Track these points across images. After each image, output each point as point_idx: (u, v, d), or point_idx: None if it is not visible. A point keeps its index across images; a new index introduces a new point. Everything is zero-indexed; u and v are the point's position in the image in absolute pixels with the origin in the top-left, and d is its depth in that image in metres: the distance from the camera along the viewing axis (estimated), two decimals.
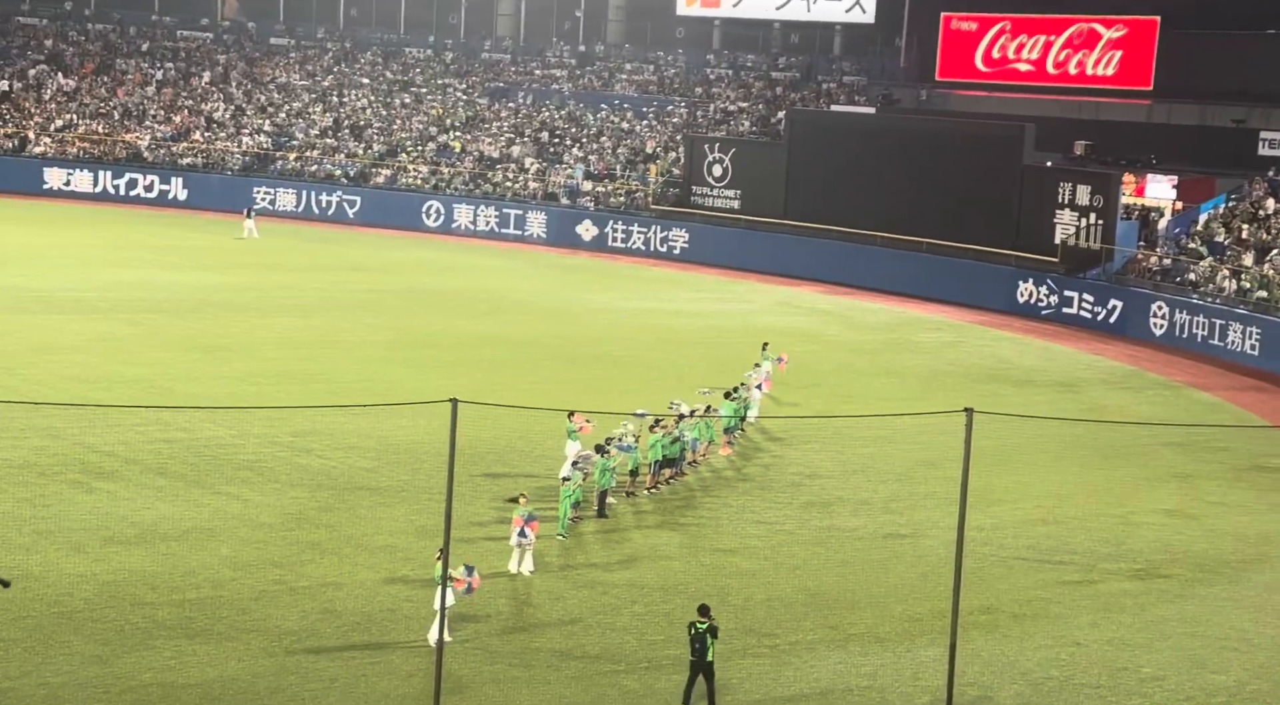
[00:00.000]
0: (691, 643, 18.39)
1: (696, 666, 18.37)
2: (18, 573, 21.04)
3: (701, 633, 18.36)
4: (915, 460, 31.44)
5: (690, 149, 67.31)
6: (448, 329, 43.76)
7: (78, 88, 78.40)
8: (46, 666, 18.18)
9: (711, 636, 18.37)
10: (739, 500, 27.94)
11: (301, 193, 70.89)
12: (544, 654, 19.87)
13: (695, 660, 18.36)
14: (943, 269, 57.11)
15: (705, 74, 77.18)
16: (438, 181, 71.38)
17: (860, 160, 61.07)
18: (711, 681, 18.41)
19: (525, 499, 23.17)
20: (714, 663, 18.45)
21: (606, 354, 41.69)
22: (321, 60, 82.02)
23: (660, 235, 65.28)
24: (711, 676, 18.42)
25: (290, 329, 41.87)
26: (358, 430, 30.02)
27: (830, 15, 74.12)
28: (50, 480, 25.49)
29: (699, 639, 18.33)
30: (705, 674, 18.37)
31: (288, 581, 21.74)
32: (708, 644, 18.31)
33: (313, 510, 25.11)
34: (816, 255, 60.80)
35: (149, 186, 71.94)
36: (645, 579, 23.12)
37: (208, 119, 76.69)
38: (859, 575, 23.96)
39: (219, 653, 19.02)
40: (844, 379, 40.58)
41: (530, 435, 30.14)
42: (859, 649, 20.85)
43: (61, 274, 48.62)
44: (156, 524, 23.70)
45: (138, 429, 28.87)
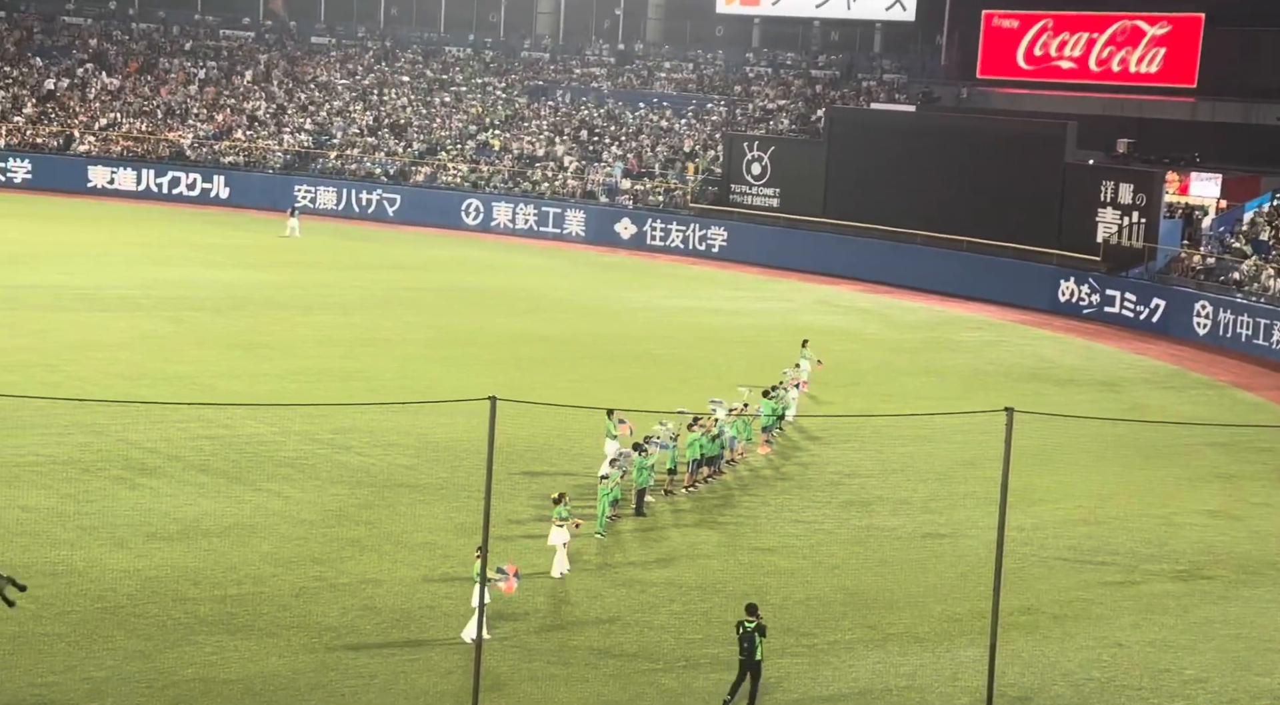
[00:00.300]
0: (740, 642, 18.42)
1: (745, 665, 18.41)
2: (61, 568, 21.26)
3: (750, 632, 18.38)
4: (955, 460, 31.29)
5: (729, 147, 67.21)
6: (487, 327, 43.87)
7: (122, 87, 79.07)
8: (90, 661, 18.34)
9: (760, 636, 18.39)
10: (777, 499, 27.88)
11: (342, 191, 71.26)
12: (582, 652, 19.89)
13: (744, 659, 18.38)
14: (983, 268, 56.80)
15: (744, 72, 77.06)
16: (477, 180, 71.57)
17: (900, 158, 60.80)
18: (757, 681, 18.43)
19: (566, 499, 23.15)
20: (761, 662, 18.47)
21: (645, 352, 41.69)
22: (362, 59, 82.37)
23: (699, 233, 65.23)
24: (758, 676, 18.45)
25: (330, 327, 42.09)
26: (397, 428, 30.14)
27: (870, 13, 73.85)
28: (94, 476, 25.71)
29: (747, 638, 18.35)
30: (752, 673, 18.40)
31: (328, 578, 21.85)
32: (756, 643, 18.33)
33: (353, 507, 25.23)
34: (856, 254, 60.58)
35: (191, 185, 72.48)
36: (683, 577, 23.11)
37: (249, 117, 77.18)
38: (898, 575, 23.86)
39: (260, 648, 19.14)
40: (883, 378, 40.43)
41: (569, 433, 30.18)
42: (898, 649, 20.76)
43: (105, 272, 49.05)
44: (198, 520, 23.87)
45: (180, 426, 29.09)
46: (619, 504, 25.68)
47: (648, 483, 26.31)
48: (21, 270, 47.83)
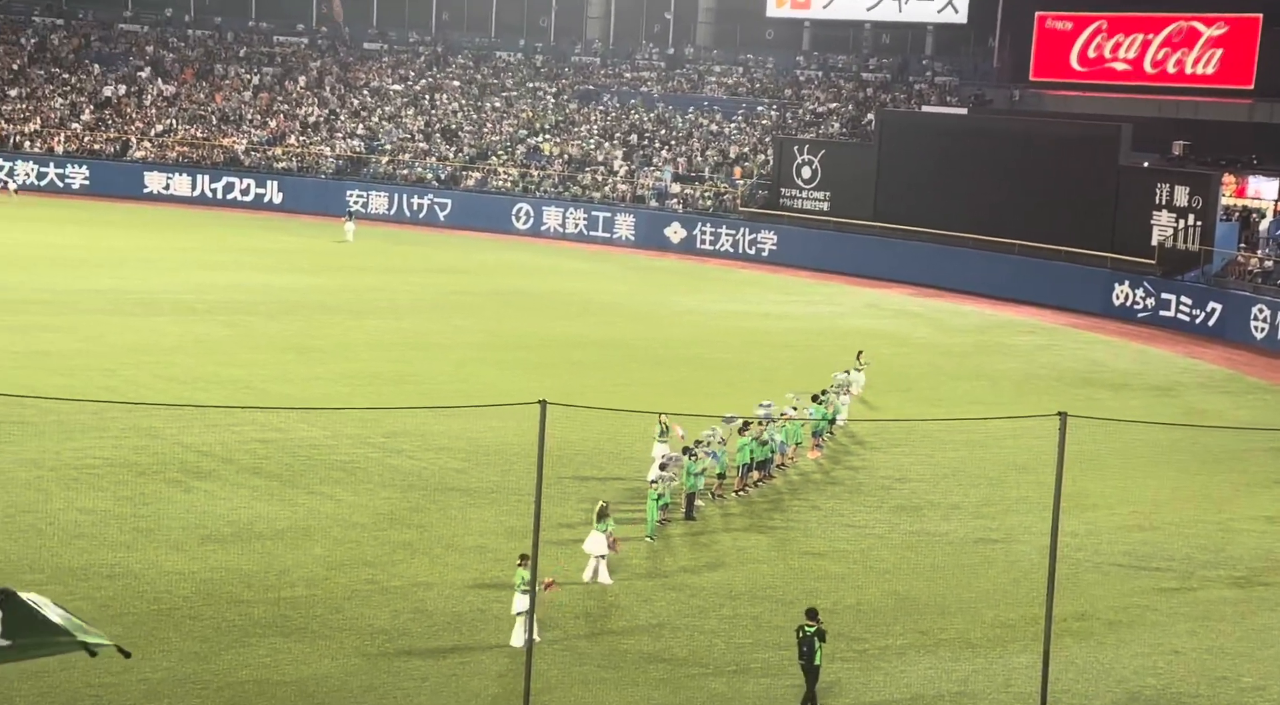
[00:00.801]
0: (800, 646, 18.43)
1: (806, 670, 18.42)
2: (119, 570, 21.50)
3: (809, 636, 18.37)
4: (1007, 464, 31.07)
5: (779, 151, 67.10)
6: (537, 331, 44.00)
7: (177, 93, 79.92)
8: (146, 663, 18.52)
9: (819, 640, 18.37)
10: (828, 504, 27.79)
11: (393, 195, 71.71)
12: (632, 656, 19.90)
13: (804, 664, 18.38)
14: (1035, 271, 56.40)
15: (795, 75, 76.89)
16: (527, 184, 71.81)
17: (952, 161, 60.47)
18: (813, 685, 18.43)
19: (609, 513, 22.84)
20: (820, 667, 18.47)
21: (695, 356, 41.68)
22: (414, 64, 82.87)
23: (749, 237, 65.14)
24: (815, 680, 18.45)
25: (382, 331, 42.35)
26: (448, 431, 30.28)
27: (922, 15, 73.53)
28: (149, 479, 25.98)
29: (807, 642, 18.35)
30: (811, 678, 18.42)
31: (380, 581, 21.98)
32: (816, 647, 18.32)
33: (404, 510, 25.36)
34: (906, 257, 60.31)
35: (245, 190, 73.16)
36: (733, 582, 23.07)
37: (302, 123, 77.81)
38: (949, 580, 23.72)
39: (313, 651, 19.28)
40: (933, 382, 40.21)
41: (619, 437, 30.21)
42: (950, 655, 20.64)
43: (160, 276, 49.58)
44: (252, 523, 24.07)
45: (234, 429, 29.35)
46: (669, 508, 25.68)
47: (697, 487, 26.30)
48: (79, 275, 48.44)
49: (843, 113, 72.23)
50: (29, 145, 74.80)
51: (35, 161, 73.42)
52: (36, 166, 73.22)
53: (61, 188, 72.85)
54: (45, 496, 24.55)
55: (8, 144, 74.59)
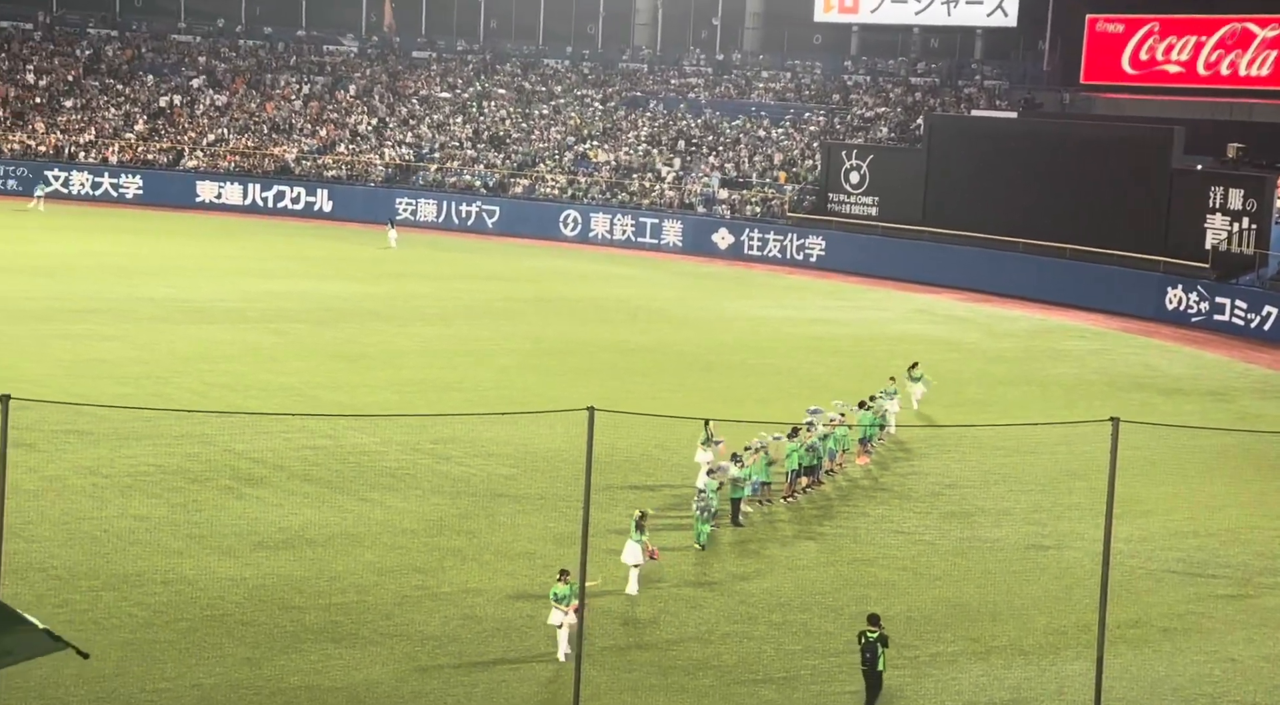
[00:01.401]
0: (862, 652, 18.47)
1: (869, 676, 18.43)
2: (172, 576, 21.70)
3: (872, 642, 18.39)
4: (1059, 470, 30.82)
5: (827, 156, 66.92)
6: (585, 337, 44.07)
7: (229, 103, 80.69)
8: (199, 668, 18.68)
9: (882, 646, 18.36)
10: (877, 510, 27.66)
11: (442, 203, 72.06)
12: (681, 663, 19.88)
13: (866, 670, 18.41)
14: (1087, 275, 55.93)
15: (843, 80, 76.66)
16: (575, 191, 71.97)
17: (1002, 165, 60.12)
18: (877, 691, 18.44)
19: (645, 521, 22.53)
20: (883, 672, 18.47)
21: (742, 362, 41.61)
22: (462, 72, 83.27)
23: (797, 243, 64.98)
24: (878, 687, 18.48)
25: (430, 338, 42.54)
26: (497, 438, 30.37)
27: (971, 19, 73.12)
28: (202, 486, 26.21)
29: (869, 648, 18.37)
30: (872, 683, 18.45)
31: (429, 587, 22.06)
32: (879, 653, 18.32)
33: (453, 517, 25.45)
34: (955, 262, 59.97)
35: (296, 199, 73.75)
36: (782, 589, 23.00)
37: (352, 132, 78.35)
38: (1001, 587, 23.55)
39: (364, 657, 19.37)
40: (984, 388, 39.95)
41: (667, 443, 30.19)
42: (1001, 662, 20.49)
43: (212, 285, 50.04)
44: (303, 529, 24.23)
45: (285, 436, 29.56)
46: (717, 515, 25.63)
47: (745, 493, 26.25)
48: (133, 284, 48.97)
49: (891, 117, 71.95)
50: (84, 155, 75.73)
51: (90, 171, 74.31)
52: (91, 176, 74.11)
53: (116, 197, 73.68)
54: (100, 503, 24.82)
55: (63, 154, 75.54)
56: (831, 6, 75.91)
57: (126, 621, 19.90)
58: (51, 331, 39.52)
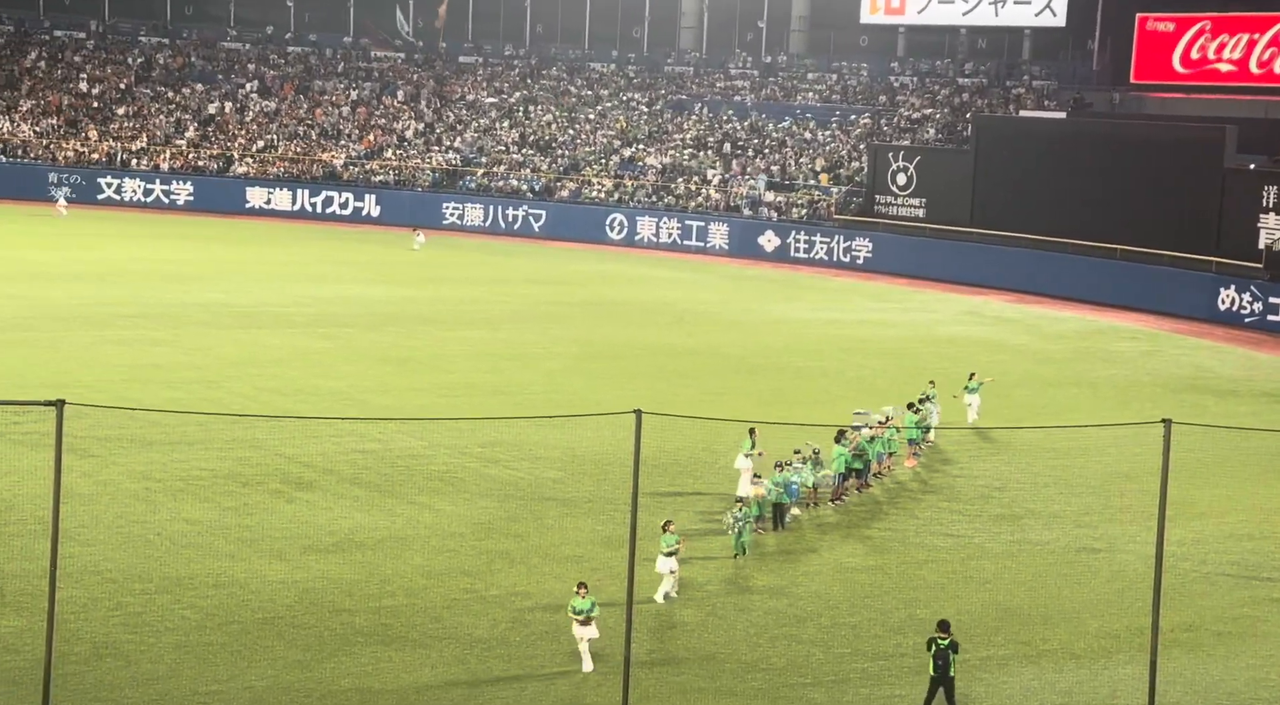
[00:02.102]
0: (935, 660, 18.34)
1: (937, 682, 18.37)
2: (224, 579, 21.88)
3: (944, 649, 18.30)
4: (1110, 473, 30.55)
5: (874, 158, 66.68)
6: (631, 341, 44.10)
7: (277, 109, 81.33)
8: (251, 670, 18.83)
9: (953, 652, 18.32)
10: (925, 513, 27.52)
11: (488, 207, 72.32)
12: (730, 666, 19.85)
13: (937, 676, 18.34)
14: (1138, 276, 55.45)
15: (890, 82, 76.36)
16: (621, 194, 72.05)
17: (1051, 166, 59.70)
18: (952, 697, 18.40)
19: (672, 527, 22.36)
20: (955, 678, 18.42)
21: (789, 365, 41.51)
22: (508, 77, 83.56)
23: (843, 245, 64.78)
24: (952, 692, 18.40)
25: (477, 341, 42.70)
26: (544, 441, 30.44)
27: (1019, 19, 72.62)
28: (253, 490, 26.42)
29: (941, 655, 18.28)
30: (946, 689, 18.38)
31: (478, 590, 22.13)
32: (950, 660, 18.27)
33: (501, 520, 25.53)
34: (1004, 263, 59.61)
35: (344, 204, 74.22)
36: (831, 591, 22.93)
37: (399, 137, 78.79)
38: (1051, 590, 23.38)
39: (413, 660, 19.46)
40: (1033, 390, 39.67)
41: (715, 446, 30.14)
42: (1053, 665, 20.33)
43: (262, 290, 50.44)
44: (353, 533, 24.37)
45: (334, 440, 29.74)
46: (761, 519, 25.51)
47: (788, 499, 26.06)
48: (184, 289, 49.44)
49: (938, 119, 71.59)
50: (135, 162, 76.53)
51: (142, 178, 75.09)
52: (143, 183, 74.88)
53: (167, 204, 74.40)
54: (153, 507, 25.06)
55: (115, 161, 76.40)
56: (878, 8, 75.59)
57: (179, 624, 20.08)
58: (104, 337, 39.96)
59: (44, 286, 48.00)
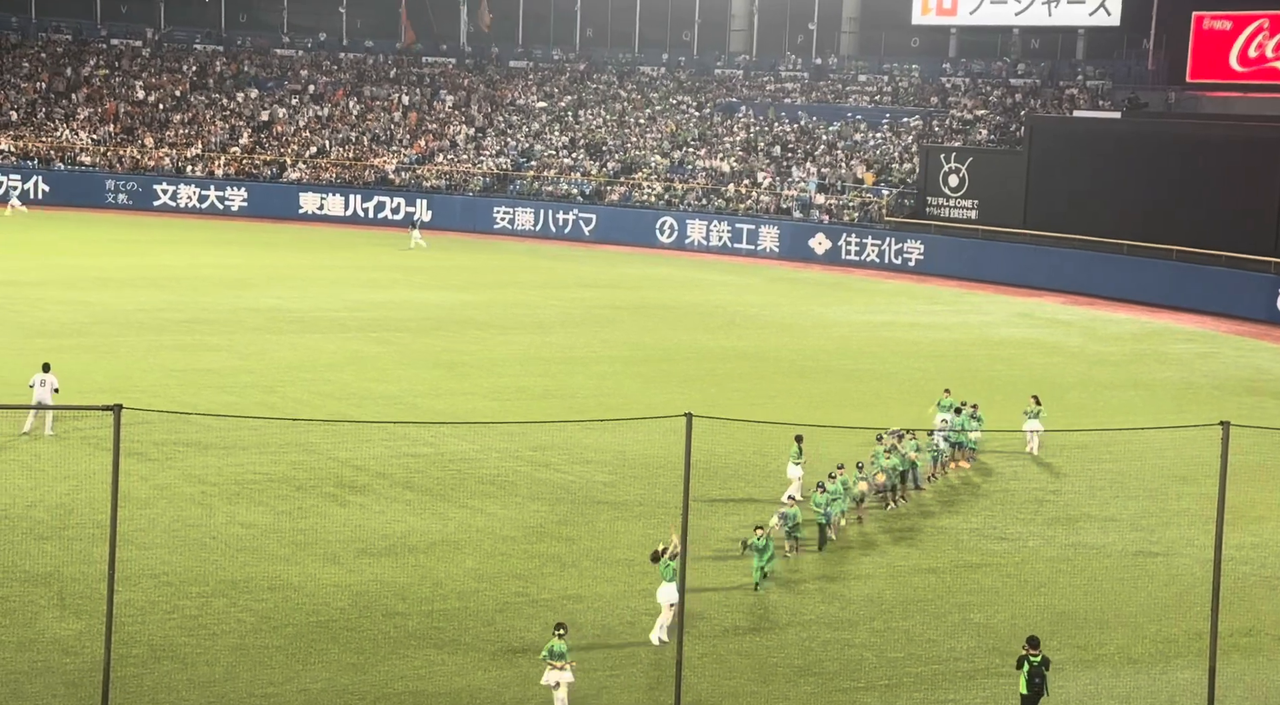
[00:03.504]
0: (1030, 678, 17.92)
1: (1030, 701, 17.96)
2: (279, 582, 22.05)
3: (1037, 666, 17.93)
4: (1166, 476, 30.23)
5: (925, 159, 66.34)
6: (682, 344, 44.08)
7: (330, 115, 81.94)
8: (306, 673, 18.96)
9: (1045, 668, 17.96)
10: (979, 516, 27.34)
11: (539, 211, 72.53)
12: (782, 669, 19.79)
13: (1030, 695, 17.91)
14: (1195, 277, 54.85)
15: (941, 83, 75.94)
16: (671, 198, 72.04)
17: (1106, 166, 59.19)
18: None
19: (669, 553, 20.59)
20: (1048, 695, 18.06)
21: (841, 367, 41.36)
22: (558, 81, 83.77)
23: (895, 247, 64.47)
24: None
25: (529, 345, 42.82)
26: (595, 445, 30.48)
27: (1073, 19, 72.04)
28: (307, 494, 26.61)
29: (1036, 673, 17.90)
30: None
31: (530, 593, 22.19)
32: (1045, 677, 17.93)
33: (552, 524, 25.59)
34: (1058, 265, 59.13)
35: (396, 209, 74.65)
36: (884, 595, 22.82)
37: (450, 141, 79.17)
38: (1108, 594, 23.16)
39: (466, 662, 19.53)
40: (1088, 392, 39.31)
41: (766, 449, 30.07)
42: (1110, 670, 20.14)
43: (316, 295, 50.82)
44: (406, 536, 24.50)
45: (387, 444, 29.92)
46: (795, 542, 24.47)
47: (830, 518, 25.07)
48: (239, 295, 49.89)
49: (990, 120, 71.11)
50: (190, 169, 77.33)
51: (197, 185, 75.87)
52: (198, 190, 75.66)
53: (221, 210, 75.10)
54: (209, 511, 25.30)
55: (171, 168, 77.22)
56: (929, 9, 75.21)
57: (235, 627, 20.26)
58: (161, 342, 40.39)
59: (102, 292, 48.60)
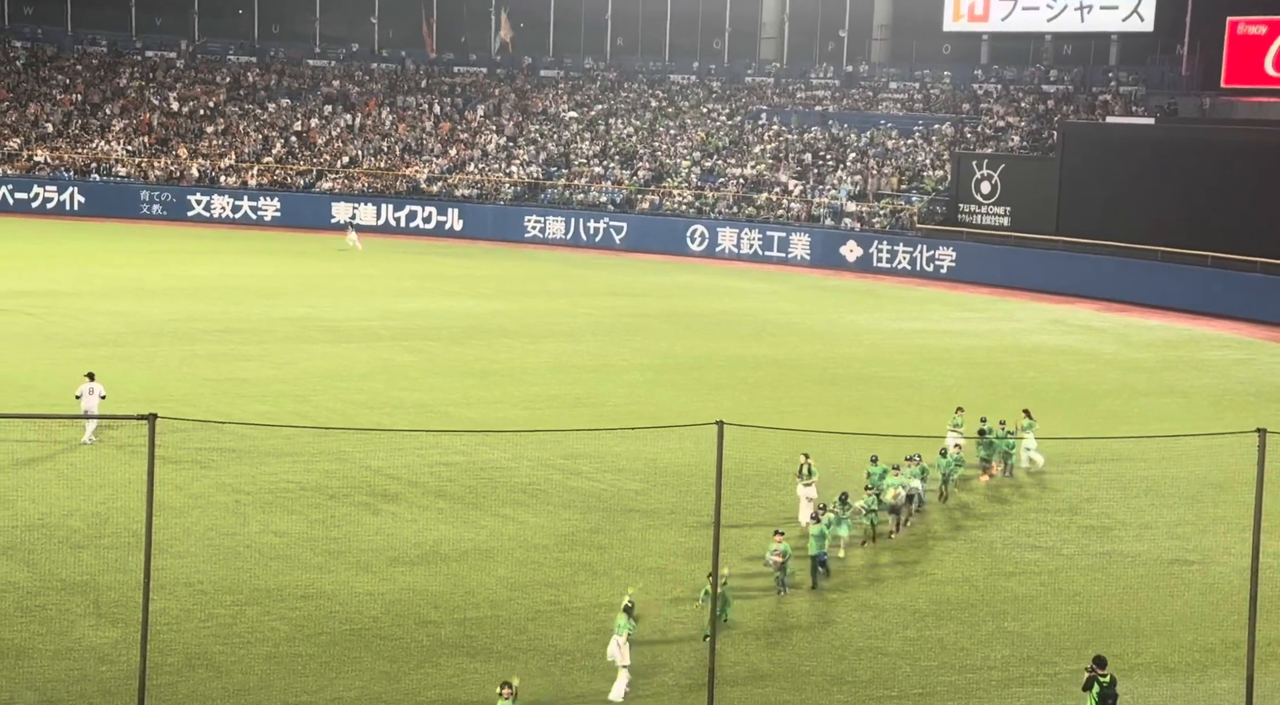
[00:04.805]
0: (1104, 699, 17.59)
1: None
2: (312, 591, 22.12)
3: (1108, 687, 17.59)
4: (1202, 483, 30.00)
5: (957, 166, 66.12)
6: (713, 352, 44.04)
7: (362, 125, 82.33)
8: (339, 681, 19.01)
9: (1115, 687, 17.61)
10: (1013, 524, 27.19)
11: (570, 220, 72.62)
12: (815, 678, 19.73)
13: None
14: (1231, 283, 54.45)
15: (973, 89, 75.69)
16: (701, 206, 72.03)
17: (1139, 172, 58.87)
18: None
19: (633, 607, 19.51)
20: None
21: (872, 375, 41.24)
22: (589, 90, 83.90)
23: (926, 254, 64.25)
24: None
25: (560, 354, 42.86)
26: (626, 453, 30.47)
27: (1106, 24, 71.69)
28: (339, 502, 26.70)
29: (1108, 694, 17.57)
30: None
31: (561, 602, 22.19)
32: (1116, 697, 17.62)
33: (584, 532, 25.59)
34: (1091, 271, 58.82)
35: (427, 218, 74.92)
36: (916, 603, 22.72)
37: (482, 151, 79.40)
38: (1143, 603, 22.98)
39: (498, 671, 19.52)
40: (1122, 399, 39.07)
41: (797, 457, 29.96)
42: (1146, 679, 19.98)
43: (347, 304, 51.02)
44: (438, 545, 24.54)
45: (419, 453, 29.99)
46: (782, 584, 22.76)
47: (821, 551, 23.36)
48: (272, 304, 50.14)
49: (1022, 127, 70.83)
50: (224, 179, 77.82)
51: (230, 195, 76.32)
52: (231, 200, 76.11)
53: (255, 220, 75.52)
54: (243, 520, 25.42)
55: (204, 178, 77.73)
56: (961, 15, 75.00)
57: (269, 635, 20.33)
58: (195, 351, 40.63)
59: (137, 302, 48.93)
